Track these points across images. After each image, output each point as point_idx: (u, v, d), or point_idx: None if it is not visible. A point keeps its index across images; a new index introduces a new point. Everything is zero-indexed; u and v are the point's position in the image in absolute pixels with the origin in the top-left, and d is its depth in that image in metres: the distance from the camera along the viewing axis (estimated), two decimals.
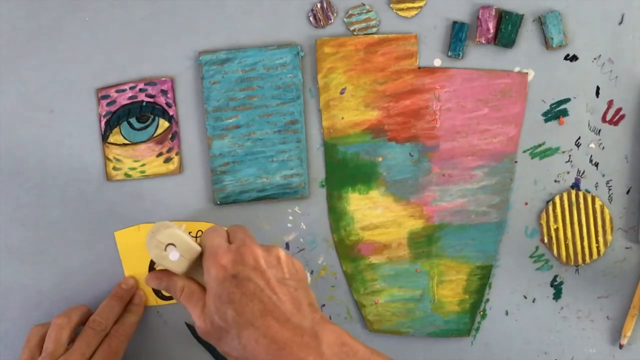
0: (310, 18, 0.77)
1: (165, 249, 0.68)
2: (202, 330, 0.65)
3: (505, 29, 0.76)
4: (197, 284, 0.68)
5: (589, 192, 0.78)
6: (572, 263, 0.78)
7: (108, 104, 0.77)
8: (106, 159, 0.78)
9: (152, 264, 0.78)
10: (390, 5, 0.77)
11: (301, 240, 0.79)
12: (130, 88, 0.77)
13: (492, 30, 0.76)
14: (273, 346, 0.61)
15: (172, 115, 0.78)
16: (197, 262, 0.68)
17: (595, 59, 0.77)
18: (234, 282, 0.63)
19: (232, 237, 0.69)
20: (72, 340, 0.74)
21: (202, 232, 0.78)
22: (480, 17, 0.76)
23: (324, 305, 0.79)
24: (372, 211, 0.78)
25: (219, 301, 0.63)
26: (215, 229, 0.69)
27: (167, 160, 0.78)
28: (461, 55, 0.77)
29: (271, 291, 0.63)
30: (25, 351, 0.73)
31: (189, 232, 0.77)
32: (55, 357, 0.71)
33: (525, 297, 0.79)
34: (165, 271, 0.70)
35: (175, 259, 0.68)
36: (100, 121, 0.78)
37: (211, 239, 0.68)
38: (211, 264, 0.65)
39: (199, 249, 0.68)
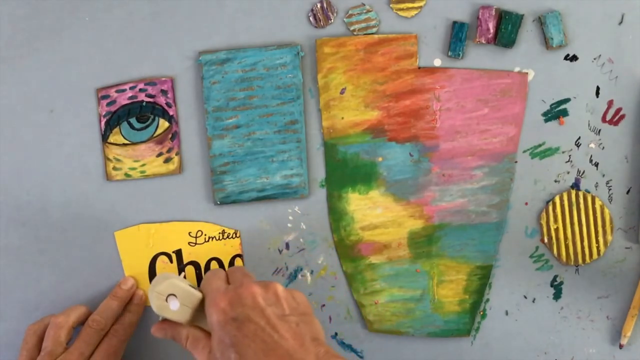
0: (310, 18, 0.77)
1: (167, 300, 0.68)
2: None
3: (505, 29, 0.76)
4: (202, 331, 0.69)
5: (589, 192, 0.78)
6: (572, 263, 0.78)
7: (108, 104, 0.77)
8: (106, 159, 0.78)
9: (152, 264, 0.78)
10: (390, 5, 0.77)
11: (301, 240, 0.79)
12: (130, 88, 0.77)
13: (492, 30, 0.76)
14: None
15: (172, 115, 0.78)
16: (200, 309, 0.69)
17: (595, 59, 0.77)
18: (235, 324, 0.63)
19: (230, 278, 0.69)
20: (70, 340, 0.74)
21: (201, 231, 0.78)
22: (480, 17, 0.76)
23: (323, 305, 0.79)
24: (372, 211, 0.78)
25: (223, 345, 0.63)
26: (214, 273, 0.70)
27: (167, 160, 0.78)
28: (461, 55, 0.77)
29: (272, 329, 0.63)
30: (23, 352, 0.73)
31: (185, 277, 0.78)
32: (55, 356, 0.71)
33: (525, 297, 0.79)
34: (170, 321, 0.71)
35: (175, 309, 0.68)
36: (100, 121, 0.78)
37: (210, 283, 0.68)
38: (212, 309, 0.65)
39: (199, 295, 0.69)
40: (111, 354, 0.73)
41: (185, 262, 0.78)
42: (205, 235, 0.78)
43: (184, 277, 0.71)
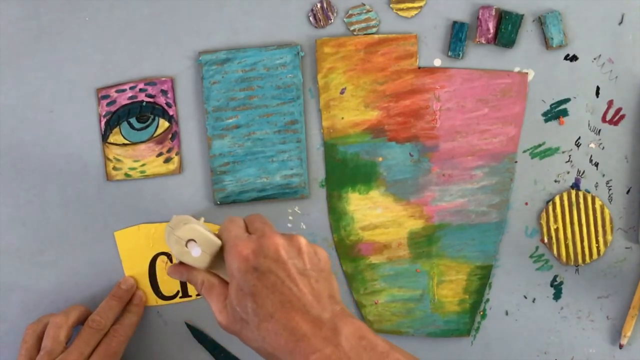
0: (310, 18, 0.77)
1: (187, 245, 0.68)
2: (223, 323, 0.65)
3: (505, 29, 0.76)
4: (218, 278, 0.68)
5: (589, 192, 0.78)
6: (572, 263, 0.78)
7: (108, 104, 0.77)
8: (106, 159, 0.78)
9: (152, 264, 0.78)
10: (390, 5, 0.77)
11: None
12: (130, 88, 0.77)
13: (492, 30, 0.76)
14: (291, 338, 0.61)
15: (172, 115, 0.78)
16: (218, 255, 0.68)
17: (595, 59, 0.77)
18: (256, 274, 0.63)
19: (250, 226, 0.68)
20: (69, 340, 0.74)
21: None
22: (480, 17, 0.76)
23: None
24: (372, 211, 0.78)
25: (241, 293, 0.63)
26: (232, 220, 0.69)
27: (167, 160, 0.78)
28: (461, 55, 0.77)
29: (292, 282, 0.63)
30: (22, 351, 0.73)
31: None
32: (54, 355, 0.71)
33: (525, 297, 0.79)
34: (186, 264, 0.70)
35: (197, 255, 0.67)
36: (100, 121, 0.78)
37: (230, 230, 0.67)
38: (233, 256, 0.65)
39: (219, 242, 0.68)
40: (110, 354, 0.73)
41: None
42: None
43: (203, 221, 0.70)
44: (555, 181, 0.78)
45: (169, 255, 0.78)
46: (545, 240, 0.78)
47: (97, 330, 0.74)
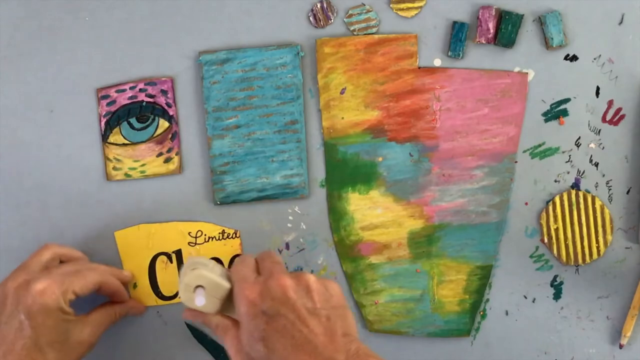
0: (310, 18, 0.77)
1: (194, 291, 0.67)
2: None
3: (505, 29, 0.76)
4: (231, 320, 0.67)
5: (589, 192, 0.78)
6: (572, 263, 0.78)
7: (108, 104, 0.77)
8: (106, 159, 0.78)
9: (152, 264, 0.78)
10: (390, 5, 0.77)
11: (301, 240, 0.79)
12: (130, 88, 0.77)
13: (492, 30, 0.76)
14: None
15: (172, 115, 0.78)
16: (230, 298, 0.67)
17: (595, 59, 0.77)
18: (265, 318, 0.62)
19: (260, 266, 0.67)
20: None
21: (201, 231, 0.78)
22: (480, 17, 0.76)
23: None
24: (372, 211, 0.78)
25: (252, 338, 0.62)
26: (242, 260, 0.68)
27: (167, 160, 0.78)
28: (461, 55, 0.77)
29: (302, 324, 0.61)
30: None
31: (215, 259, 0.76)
32: (30, 273, 0.70)
33: (525, 297, 0.79)
34: None
35: (200, 305, 0.66)
36: (100, 121, 0.78)
37: (238, 271, 0.66)
38: (241, 301, 0.63)
39: (228, 286, 0.67)
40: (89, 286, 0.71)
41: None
42: (205, 235, 0.78)
43: (217, 261, 0.68)
44: (555, 181, 0.78)
45: (168, 255, 0.78)
46: (545, 240, 0.78)
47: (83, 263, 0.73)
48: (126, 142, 0.78)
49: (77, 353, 0.71)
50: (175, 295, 0.79)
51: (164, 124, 0.78)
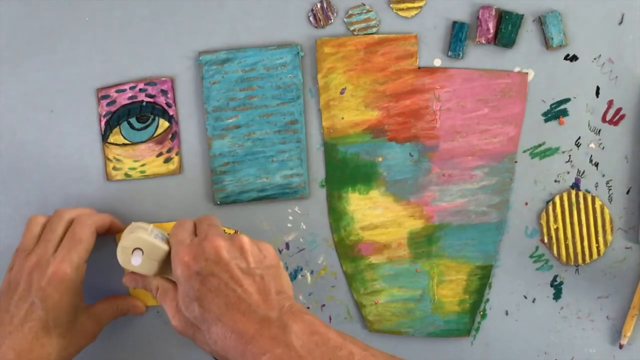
0: (310, 18, 0.77)
1: (133, 253, 0.68)
2: (176, 328, 0.66)
3: (505, 29, 0.76)
4: (170, 282, 0.68)
5: (589, 192, 0.78)
6: (572, 263, 0.78)
7: (108, 104, 0.77)
8: (106, 159, 0.78)
9: None
10: (390, 5, 0.77)
11: (301, 240, 0.79)
12: (130, 88, 0.77)
13: (492, 30, 0.76)
14: (240, 340, 0.60)
15: (172, 115, 0.78)
16: (168, 261, 0.68)
17: (595, 59, 0.77)
18: (199, 278, 0.63)
19: (197, 229, 0.68)
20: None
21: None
22: (480, 17, 0.76)
23: (323, 305, 0.79)
24: (372, 211, 0.78)
25: (188, 298, 0.63)
26: (180, 224, 0.69)
27: (167, 160, 0.78)
28: (461, 55, 0.77)
29: (235, 284, 0.62)
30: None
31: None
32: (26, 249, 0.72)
33: (525, 297, 0.79)
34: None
35: (137, 264, 0.68)
36: (100, 121, 0.78)
37: (176, 235, 0.67)
38: (176, 263, 0.65)
39: (165, 248, 0.68)
40: (76, 240, 0.71)
41: None
42: None
43: (155, 226, 0.70)
44: (555, 181, 0.78)
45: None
46: (545, 240, 0.78)
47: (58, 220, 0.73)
48: (126, 142, 0.78)
49: (79, 343, 0.72)
50: None
51: (164, 124, 0.78)
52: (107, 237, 0.78)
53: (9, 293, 0.70)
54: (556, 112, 0.77)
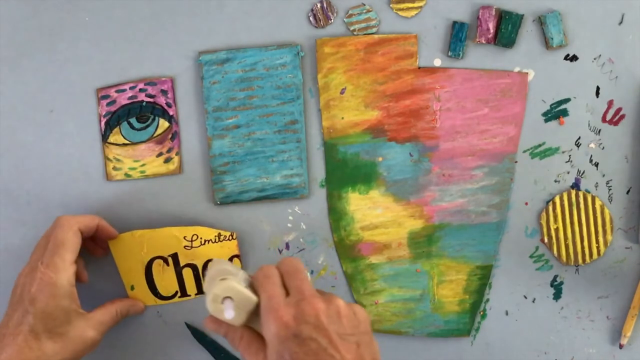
0: (310, 18, 0.77)
1: (222, 302, 0.66)
2: None
3: (505, 29, 0.76)
4: (256, 333, 0.66)
5: (589, 192, 0.78)
6: (572, 263, 0.78)
7: (108, 104, 0.77)
8: (106, 159, 0.78)
9: (148, 268, 0.78)
10: (390, 5, 0.77)
11: (301, 240, 0.79)
12: (130, 88, 0.77)
13: (492, 30, 0.76)
14: None
15: (172, 115, 0.78)
16: (255, 312, 0.66)
17: (595, 59, 0.77)
18: (297, 341, 0.61)
19: (287, 282, 0.66)
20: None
21: (197, 235, 0.77)
22: (480, 17, 0.76)
23: None
24: (372, 211, 0.78)
25: (282, 359, 0.62)
26: (267, 276, 0.66)
27: (167, 160, 0.78)
28: (461, 55, 0.77)
29: (334, 349, 0.61)
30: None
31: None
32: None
33: (525, 297, 0.79)
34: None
35: (230, 318, 0.65)
36: (100, 121, 0.78)
37: (267, 290, 0.65)
38: (272, 320, 0.63)
39: (255, 299, 0.65)
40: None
41: (182, 264, 0.78)
42: (200, 238, 0.77)
43: (242, 272, 0.68)
44: (555, 181, 0.78)
45: (164, 259, 0.78)
46: (545, 240, 0.78)
47: None
48: (126, 142, 0.78)
49: (78, 350, 0.71)
50: (174, 295, 0.79)
51: (164, 124, 0.78)
52: (103, 243, 0.78)
53: (13, 297, 0.72)
54: (556, 112, 0.77)
